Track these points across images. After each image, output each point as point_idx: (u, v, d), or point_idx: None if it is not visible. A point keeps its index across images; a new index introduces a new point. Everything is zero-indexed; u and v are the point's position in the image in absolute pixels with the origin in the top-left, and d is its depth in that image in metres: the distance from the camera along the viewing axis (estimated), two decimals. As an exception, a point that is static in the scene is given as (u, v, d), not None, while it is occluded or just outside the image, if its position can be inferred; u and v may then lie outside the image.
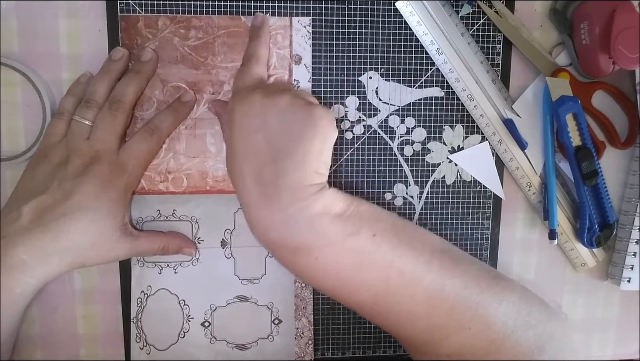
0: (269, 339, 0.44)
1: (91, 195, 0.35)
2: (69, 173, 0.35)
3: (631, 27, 0.38)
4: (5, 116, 0.40)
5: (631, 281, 0.45)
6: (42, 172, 0.36)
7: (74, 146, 0.36)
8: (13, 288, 0.34)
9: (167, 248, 0.41)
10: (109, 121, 0.37)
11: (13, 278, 0.34)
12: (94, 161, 0.36)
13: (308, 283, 0.37)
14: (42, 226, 0.34)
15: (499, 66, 0.43)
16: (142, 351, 0.43)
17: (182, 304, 0.43)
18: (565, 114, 0.41)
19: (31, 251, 0.34)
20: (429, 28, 0.41)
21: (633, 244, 0.45)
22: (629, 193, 0.45)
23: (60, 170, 0.36)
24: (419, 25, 0.41)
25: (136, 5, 0.40)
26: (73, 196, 0.35)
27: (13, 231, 0.34)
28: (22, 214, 0.34)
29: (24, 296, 0.35)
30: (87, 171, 0.36)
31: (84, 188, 0.35)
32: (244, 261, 0.43)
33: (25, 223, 0.34)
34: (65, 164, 0.36)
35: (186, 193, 0.42)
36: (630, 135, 0.44)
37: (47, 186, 0.35)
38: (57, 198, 0.35)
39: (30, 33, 0.39)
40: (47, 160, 0.37)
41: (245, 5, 0.40)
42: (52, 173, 0.36)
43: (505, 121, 0.43)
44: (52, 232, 0.34)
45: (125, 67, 0.39)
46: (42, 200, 0.35)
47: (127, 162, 0.38)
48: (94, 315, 0.43)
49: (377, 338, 0.45)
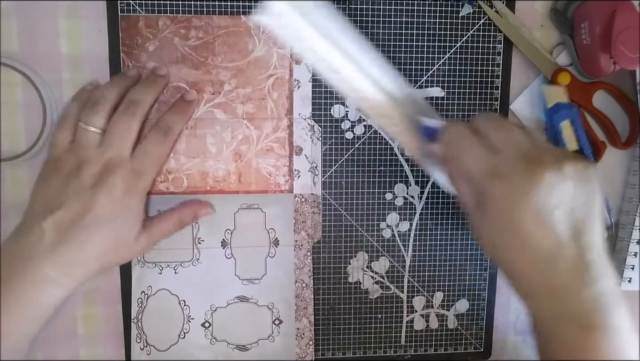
0: (270, 339, 0.44)
1: (108, 206, 0.35)
2: (84, 184, 0.35)
3: (632, 27, 0.38)
4: (5, 116, 0.40)
5: (632, 281, 0.45)
6: (55, 185, 0.35)
7: (84, 155, 0.35)
8: (41, 301, 0.35)
9: (182, 221, 0.40)
10: (124, 127, 0.36)
11: (41, 291, 0.34)
12: (107, 171, 0.35)
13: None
14: (65, 241, 0.34)
15: (499, 65, 0.43)
16: (143, 351, 0.43)
17: (183, 304, 0.43)
18: (560, 121, 0.41)
19: (57, 267, 0.34)
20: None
21: (634, 244, 0.45)
22: (629, 193, 0.45)
23: (73, 181, 0.35)
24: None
25: (136, 5, 0.40)
26: (91, 209, 0.34)
27: (39, 250, 0.34)
28: (45, 232, 0.34)
29: (51, 307, 0.36)
30: (102, 182, 0.35)
31: (101, 199, 0.35)
32: (244, 262, 0.43)
33: (49, 240, 0.34)
34: (77, 175, 0.35)
35: (186, 193, 0.42)
36: (631, 135, 0.44)
37: (62, 199, 0.34)
38: (75, 212, 0.34)
39: (30, 33, 0.39)
40: (57, 171, 0.35)
41: (245, 5, 0.40)
42: (65, 184, 0.35)
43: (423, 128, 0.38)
44: (74, 245, 0.34)
45: (136, 81, 0.38)
46: (60, 215, 0.34)
47: (142, 167, 0.37)
48: (94, 315, 0.43)
49: (377, 339, 0.45)
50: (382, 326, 0.45)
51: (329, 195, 0.43)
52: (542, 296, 0.30)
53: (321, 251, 0.44)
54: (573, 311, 0.29)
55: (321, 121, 0.42)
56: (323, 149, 0.43)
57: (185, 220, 0.41)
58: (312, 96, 0.42)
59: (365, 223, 0.44)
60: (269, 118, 0.42)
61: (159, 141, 0.38)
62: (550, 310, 0.30)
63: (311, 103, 0.42)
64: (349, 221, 0.44)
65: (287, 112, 0.42)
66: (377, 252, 0.44)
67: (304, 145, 0.42)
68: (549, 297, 0.30)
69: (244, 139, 0.42)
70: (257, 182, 0.42)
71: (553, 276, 0.29)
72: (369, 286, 0.45)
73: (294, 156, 0.42)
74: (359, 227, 0.44)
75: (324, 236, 0.44)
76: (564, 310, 0.30)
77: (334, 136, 0.43)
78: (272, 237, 0.43)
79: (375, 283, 0.45)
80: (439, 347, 0.46)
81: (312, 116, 0.42)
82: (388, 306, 0.45)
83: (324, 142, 0.43)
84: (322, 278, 0.44)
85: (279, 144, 0.42)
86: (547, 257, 0.29)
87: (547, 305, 0.30)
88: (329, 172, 0.43)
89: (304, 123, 0.42)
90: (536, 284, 0.30)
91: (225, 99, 0.41)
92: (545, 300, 0.30)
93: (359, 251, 0.44)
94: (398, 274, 0.45)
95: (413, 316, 0.45)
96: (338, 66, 0.36)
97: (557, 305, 0.30)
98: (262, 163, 0.42)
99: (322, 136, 0.43)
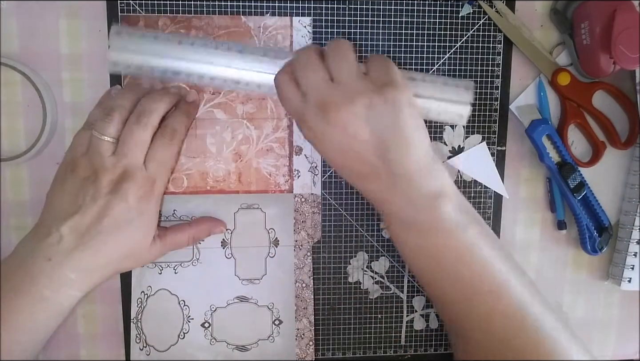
0: (270, 340, 0.43)
1: (124, 211, 0.35)
2: (100, 191, 0.35)
3: (632, 27, 0.38)
4: (5, 116, 0.40)
5: (632, 281, 0.45)
6: (71, 187, 0.36)
7: (99, 162, 0.36)
8: (62, 303, 0.36)
9: (196, 236, 0.41)
10: (137, 137, 0.36)
11: (62, 293, 0.36)
12: (122, 179, 0.35)
13: (407, 260, 0.38)
14: (82, 245, 0.35)
15: (499, 65, 0.43)
16: (142, 351, 0.42)
17: (182, 304, 0.43)
18: (541, 137, 0.42)
19: (77, 270, 0.35)
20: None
21: (634, 244, 0.45)
22: (629, 193, 0.45)
23: (89, 186, 0.35)
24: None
25: (136, 5, 0.40)
26: (107, 215, 0.35)
27: (58, 253, 0.35)
28: (64, 236, 0.35)
29: (70, 308, 0.37)
30: (118, 189, 0.35)
31: (117, 205, 0.35)
32: (244, 262, 0.43)
33: (67, 244, 0.35)
34: (94, 181, 0.35)
35: (186, 193, 0.42)
36: (631, 135, 0.44)
37: (79, 204, 0.35)
38: (92, 217, 0.35)
39: (30, 33, 0.39)
40: (74, 173, 0.36)
41: (245, 5, 0.40)
42: (81, 188, 0.35)
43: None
44: (91, 250, 0.35)
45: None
46: (77, 220, 0.35)
47: (154, 174, 0.37)
48: (94, 314, 0.43)
49: (377, 338, 0.45)
50: (382, 326, 0.45)
51: (329, 195, 0.43)
52: (379, 205, 0.37)
53: (321, 251, 0.44)
54: (402, 216, 0.36)
55: (321, 121, 0.42)
56: (323, 149, 0.43)
57: (199, 236, 0.41)
58: (312, 96, 0.42)
59: (365, 223, 0.44)
60: (269, 118, 0.42)
61: (167, 145, 0.37)
62: (387, 215, 0.37)
63: (311, 103, 0.42)
64: (349, 221, 0.44)
65: (287, 112, 0.42)
66: (377, 252, 0.44)
67: (304, 145, 0.42)
68: (381, 205, 0.37)
69: (244, 139, 0.42)
70: (257, 182, 0.42)
71: (376, 192, 0.36)
72: (369, 286, 0.45)
73: (293, 155, 0.42)
74: (359, 227, 0.44)
75: (323, 236, 0.44)
76: (395, 213, 0.36)
77: (334, 136, 0.43)
78: (272, 237, 0.43)
79: (375, 283, 0.45)
80: (439, 347, 0.46)
81: (312, 116, 0.42)
82: (388, 306, 0.45)
83: (324, 142, 0.43)
84: (322, 278, 0.44)
85: (279, 144, 0.42)
86: (365, 178, 0.35)
87: (386, 210, 0.36)
88: (329, 172, 0.43)
89: (304, 123, 0.42)
90: (372, 199, 0.37)
91: (225, 99, 0.41)
92: (383, 207, 0.37)
93: (359, 251, 0.44)
94: (398, 274, 0.45)
95: (413, 316, 0.45)
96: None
97: (388, 211, 0.36)
98: (262, 163, 0.42)
99: (322, 136, 0.43)
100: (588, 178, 0.44)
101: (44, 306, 0.35)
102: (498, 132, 0.44)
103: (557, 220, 0.45)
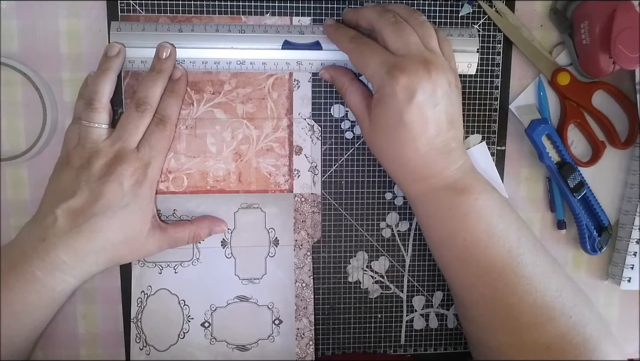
0: (270, 339, 0.44)
1: (118, 194, 0.36)
2: (94, 174, 0.36)
3: (631, 27, 0.38)
4: (5, 116, 0.40)
5: (631, 281, 0.45)
6: (66, 177, 0.37)
7: (93, 148, 0.37)
8: (55, 287, 0.36)
9: (197, 235, 0.41)
10: (134, 124, 0.37)
11: (55, 277, 0.36)
12: (116, 161, 0.36)
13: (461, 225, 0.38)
14: (77, 227, 0.35)
15: (499, 65, 0.43)
16: (142, 351, 0.43)
17: (182, 304, 0.43)
18: (540, 137, 0.42)
19: (70, 252, 0.35)
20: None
21: (633, 244, 0.45)
22: (629, 193, 0.46)
23: (83, 172, 0.36)
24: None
25: (136, 5, 0.40)
26: (101, 197, 0.36)
27: (52, 234, 0.35)
28: (58, 218, 0.35)
29: (63, 294, 0.37)
30: (112, 171, 0.36)
31: (111, 187, 0.36)
32: (244, 261, 0.43)
33: (61, 225, 0.35)
34: (87, 166, 0.36)
35: (186, 193, 0.42)
36: (630, 135, 0.45)
37: (74, 188, 0.36)
38: (86, 200, 0.35)
39: (30, 33, 0.39)
40: (69, 165, 0.37)
41: (245, 5, 0.40)
42: (76, 177, 0.36)
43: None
44: (85, 233, 0.35)
45: (122, 62, 0.38)
46: (72, 203, 0.35)
47: (147, 157, 0.38)
48: (95, 314, 0.43)
49: (377, 338, 0.45)
50: (382, 325, 0.45)
51: (329, 195, 0.43)
52: (420, 179, 0.37)
53: (321, 250, 0.44)
54: (444, 183, 0.37)
55: (321, 121, 0.42)
56: (323, 149, 0.43)
57: (200, 234, 0.41)
58: (312, 95, 0.42)
59: (365, 223, 0.44)
60: (269, 118, 0.42)
61: (158, 130, 0.38)
62: (426, 187, 0.38)
63: (311, 103, 0.42)
64: (348, 221, 0.44)
65: (287, 112, 0.42)
66: (377, 252, 0.44)
67: (304, 145, 0.42)
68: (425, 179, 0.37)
69: (244, 139, 0.42)
70: (257, 181, 0.42)
71: (428, 160, 0.36)
72: (368, 286, 0.45)
73: (293, 155, 0.42)
74: (358, 227, 0.44)
75: (323, 236, 0.44)
76: (436, 183, 0.37)
77: (334, 136, 0.43)
78: (272, 237, 0.43)
79: (375, 282, 0.45)
80: (439, 346, 0.46)
81: (312, 115, 0.42)
82: (388, 306, 0.45)
83: (323, 142, 0.43)
84: (322, 277, 0.44)
85: (279, 143, 0.42)
86: (425, 145, 0.36)
87: (424, 185, 0.38)
88: (329, 172, 0.43)
89: (304, 123, 0.42)
90: (413, 169, 0.37)
91: (225, 99, 0.41)
92: (423, 182, 0.37)
93: (359, 251, 0.44)
94: (398, 274, 0.45)
95: (413, 315, 0.45)
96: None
97: (431, 182, 0.37)
98: (262, 163, 0.42)
99: (322, 135, 0.43)
100: (588, 178, 0.44)
101: (35, 287, 0.35)
102: (498, 132, 0.44)
103: (557, 220, 0.46)
